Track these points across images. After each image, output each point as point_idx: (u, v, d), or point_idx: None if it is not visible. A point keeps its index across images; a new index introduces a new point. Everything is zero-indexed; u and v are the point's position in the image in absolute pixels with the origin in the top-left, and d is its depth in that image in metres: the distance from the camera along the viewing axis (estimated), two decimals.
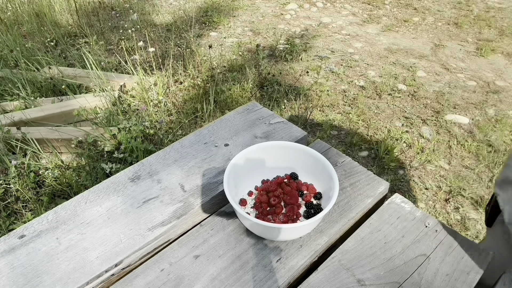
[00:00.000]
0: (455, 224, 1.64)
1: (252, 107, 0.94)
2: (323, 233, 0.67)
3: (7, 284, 0.58)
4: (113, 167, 1.76)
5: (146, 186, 0.73)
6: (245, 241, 0.66)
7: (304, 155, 0.72)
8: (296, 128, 0.87)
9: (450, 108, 2.32)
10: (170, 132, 2.06)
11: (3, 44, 2.73)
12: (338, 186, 0.63)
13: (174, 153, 0.81)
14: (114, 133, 1.91)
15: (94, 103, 2.16)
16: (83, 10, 3.44)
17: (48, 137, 1.88)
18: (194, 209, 0.69)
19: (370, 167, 1.91)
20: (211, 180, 0.74)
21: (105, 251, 0.62)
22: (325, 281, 0.60)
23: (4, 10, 3.34)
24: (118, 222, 0.66)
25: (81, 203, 0.70)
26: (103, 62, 2.64)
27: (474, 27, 3.28)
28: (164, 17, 3.39)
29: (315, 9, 3.63)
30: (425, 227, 0.67)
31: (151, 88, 2.37)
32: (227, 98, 2.30)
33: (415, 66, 2.73)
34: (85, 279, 0.58)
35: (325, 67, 2.70)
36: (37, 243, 0.63)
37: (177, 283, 0.60)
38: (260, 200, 0.68)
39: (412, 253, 0.63)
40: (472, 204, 1.71)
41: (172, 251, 0.64)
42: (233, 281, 0.60)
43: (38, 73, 2.44)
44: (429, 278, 0.60)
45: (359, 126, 2.18)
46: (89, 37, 2.96)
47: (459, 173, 1.88)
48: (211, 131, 0.86)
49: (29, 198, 1.64)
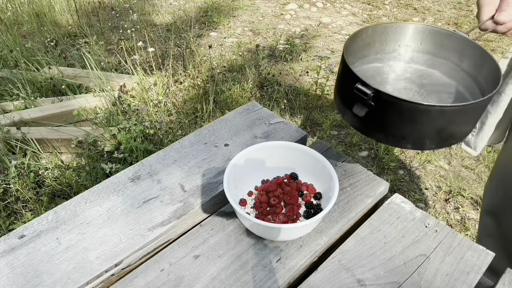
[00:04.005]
0: (455, 224, 1.64)
1: (252, 107, 0.94)
2: (323, 233, 0.67)
3: (7, 284, 0.58)
4: (113, 167, 1.76)
5: (146, 186, 0.73)
6: (245, 241, 0.66)
7: (304, 155, 0.72)
8: (296, 128, 0.87)
9: None
10: (170, 132, 2.07)
11: (3, 44, 2.73)
12: (338, 186, 0.63)
13: (174, 153, 0.81)
14: (114, 133, 1.91)
15: (94, 103, 2.16)
16: (83, 10, 3.44)
17: (48, 137, 1.88)
18: (194, 209, 0.69)
19: (370, 167, 1.91)
20: (211, 180, 0.74)
21: (105, 251, 0.62)
22: (325, 281, 0.60)
23: (4, 10, 3.34)
24: (118, 222, 0.66)
25: (81, 203, 0.70)
26: (103, 62, 2.64)
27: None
28: (164, 17, 3.39)
29: (315, 9, 3.63)
30: (425, 227, 0.67)
31: (151, 88, 2.37)
32: (227, 98, 2.30)
33: None
34: (85, 279, 0.58)
35: (325, 67, 2.70)
36: (37, 243, 0.63)
37: (177, 283, 0.60)
38: (260, 200, 0.68)
39: (412, 253, 0.63)
40: (472, 204, 1.71)
41: (172, 251, 0.64)
42: (233, 281, 0.60)
43: (38, 73, 2.44)
44: (429, 278, 0.60)
45: None
46: (89, 37, 2.96)
47: (459, 173, 1.88)
48: (211, 131, 0.86)
49: (29, 198, 1.64)
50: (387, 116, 0.58)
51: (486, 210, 0.99)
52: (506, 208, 0.92)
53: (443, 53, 0.73)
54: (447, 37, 0.71)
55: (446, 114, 0.56)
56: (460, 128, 0.61)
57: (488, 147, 2.00)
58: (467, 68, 0.71)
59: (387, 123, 0.59)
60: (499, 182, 0.93)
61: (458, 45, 0.71)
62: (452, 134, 0.60)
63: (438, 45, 0.73)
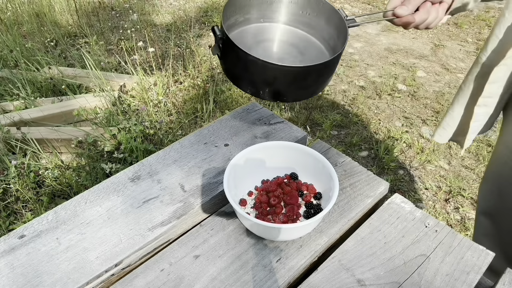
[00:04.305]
0: (455, 224, 1.64)
1: (252, 107, 0.94)
2: (323, 233, 0.67)
3: (7, 284, 0.58)
4: (113, 167, 1.76)
5: (146, 186, 0.73)
6: (245, 241, 0.66)
7: (304, 155, 0.72)
8: (296, 128, 0.87)
9: None
10: (170, 132, 2.07)
11: (3, 44, 2.73)
12: (338, 186, 0.63)
13: (174, 153, 0.81)
14: (114, 133, 1.91)
15: (94, 103, 2.16)
16: (83, 10, 3.44)
17: (48, 137, 1.88)
18: (194, 209, 0.69)
19: (370, 167, 1.91)
20: (211, 180, 0.74)
21: (105, 251, 0.62)
22: (325, 281, 0.60)
23: (4, 10, 3.34)
24: (118, 222, 0.66)
25: (81, 203, 0.70)
26: (103, 62, 2.64)
27: (474, 27, 3.28)
28: (164, 17, 3.40)
29: None
30: (425, 227, 0.67)
31: (151, 88, 2.37)
32: (227, 98, 2.30)
33: (415, 66, 2.73)
34: (85, 279, 0.58)
35: None
36: (37, 243, 0.63)
37: (177, 283, 0.60)
38: (260, 200, 0.68)
39: (412, 253, 0.63)
40: (472, 204, 1.71)
41: (172, 251, 0.65)
42: (233, 281, 0.60)
43: (38, 73, 2.44)
44: (429, 278, 0.60)
45: (359, 126, 2.18)
46: (89, 37, 2.96)
47: (459, 173, 1.88)
48: (211, 131, 0.86)
49: (29, 198, 1.64)
50: (229, 58, 0.66)
51: (481, 211, 0.99)
52: (502, 208, 0.92)
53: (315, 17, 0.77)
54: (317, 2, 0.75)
55: (268, 68, 0.61)
56: (285, 87, 0.66)
57: (489, 148, 2.00)
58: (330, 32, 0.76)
59: (230, 65, 0.67)
60: (493, 182, 0.93)
61: (325, 10, 0.74)
62: (279, 91, 0.66)
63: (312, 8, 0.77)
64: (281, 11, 0.78)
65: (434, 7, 0.71)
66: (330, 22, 0.74)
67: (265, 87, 0.65)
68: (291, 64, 0.64)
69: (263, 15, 0.78)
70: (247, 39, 0.76)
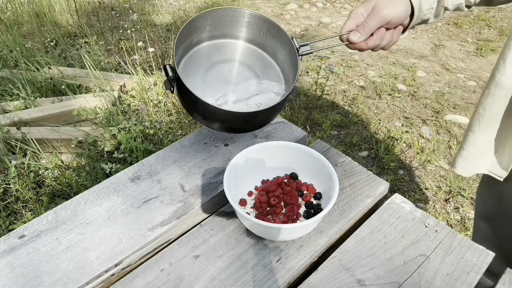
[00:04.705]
0: (455, 224, 1.64)
1: None
2: (323, 233, 0.67)
3: (7, 284, 0.58)
4: (113, 167, 1.76)
5: (146, 186, 0.73)
6: (245, 241, 0.66)
7: (304, 155, 0.72)
8: (296, 128, 0.87)
9: (450, 108, 2.32)
10: (170, 132, 2.07)
11: (3, 44, 2.73)
12: (338, 186, 0.63)
13: (174, 153, 0.81)
14: (114, 133, 1.91)
15: (94, 103, 2.16)
16: (83, 10, 3.44)
17: (48, 137, 1.88)
18: (194, 209, 0.69)
19: (370, 167, 1.91)
20: (211, 180, 0.74)
21: (105, 251, 0.62)
22: (325, 281, 0.60)
23: (4, 10, 3.34)
24: (118, 222, 0.66)
25: (81, 203, 0.70)
26: (103, 62, 2.64)
27: (474, 27, 3.29)
28: (164, 17, 3.40)
29: (315, 9, 3.63)
30: (425, 227, 0.67)
31: (151, 88, 2.37)
32: None
33: (415, 66, 2.73)
34: (85, 279, 0.58)
35: (325, 67, 2.70)
36: (37, 243, 0.63)
37: (177, 283, 0.60)
38: (260, 200, 0.68)
39: (412, 253, 0.63)
40: (472, 204, 1.71)
41: (172, 251, 0.65)
42: (233, 281, 0.60)
43: (38, 73, 2.44)
44: (429, 278, 0.60)
45: (359, 126, 2.18)
46: (89, 37, 2.96)
47: None
48: (211, 131, 0.86)
49: (29, 198, 1.64)
50: (181, 95, 0.70)
51: (480, 215, 0.98)
52: (500, 212, 0.91)
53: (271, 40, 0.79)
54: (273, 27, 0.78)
55: (219, 112, 0.67)
56: (235, 125, 0.73)
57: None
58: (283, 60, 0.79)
59: (183, 100, 0.71)
60: (491, 186, 0.92)
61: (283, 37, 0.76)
62: (230, 127, 0.73)
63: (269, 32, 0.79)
64: (239, 29, 0.79)
65: (388, 32, 0.71)
66: (284, 47, 0.77)
67: (216, 123, 0.71)
68: (240, 111, 0.68)
69: (222, 33, 0.79)
70: (202, 60, 0.78)
